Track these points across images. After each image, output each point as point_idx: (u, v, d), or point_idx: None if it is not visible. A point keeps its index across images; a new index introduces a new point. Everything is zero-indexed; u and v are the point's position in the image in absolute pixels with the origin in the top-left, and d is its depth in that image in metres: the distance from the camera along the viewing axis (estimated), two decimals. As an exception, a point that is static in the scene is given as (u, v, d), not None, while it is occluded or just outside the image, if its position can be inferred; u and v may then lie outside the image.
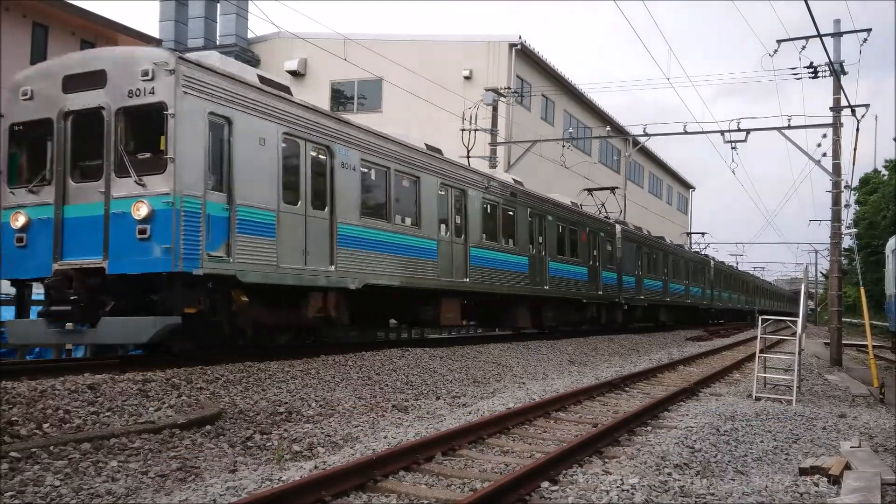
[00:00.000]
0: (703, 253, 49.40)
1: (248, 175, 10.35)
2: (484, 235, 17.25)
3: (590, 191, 29.70)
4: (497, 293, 17.89)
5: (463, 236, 16.31)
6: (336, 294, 12.42)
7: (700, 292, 40.95)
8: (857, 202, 54.76)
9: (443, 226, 15.58)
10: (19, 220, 10.03)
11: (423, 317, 15.72)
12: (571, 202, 23.82)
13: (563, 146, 29.12)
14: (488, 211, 17.61)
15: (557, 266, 21.25)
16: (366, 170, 13.11)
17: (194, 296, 9.78)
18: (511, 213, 18.74)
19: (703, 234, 57.09)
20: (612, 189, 30.17)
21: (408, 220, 14.43)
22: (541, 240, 20.35)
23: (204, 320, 10.15)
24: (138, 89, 9.41)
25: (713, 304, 44.68)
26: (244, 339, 11.31)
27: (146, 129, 9.53)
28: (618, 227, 26.89)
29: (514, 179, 20.04)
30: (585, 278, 23.42)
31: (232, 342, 11.14)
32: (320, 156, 11.97)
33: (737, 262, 61.82)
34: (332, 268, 12.01)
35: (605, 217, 27.59)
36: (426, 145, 15.59)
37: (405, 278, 14.07)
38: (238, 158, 10.21)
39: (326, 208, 12.00)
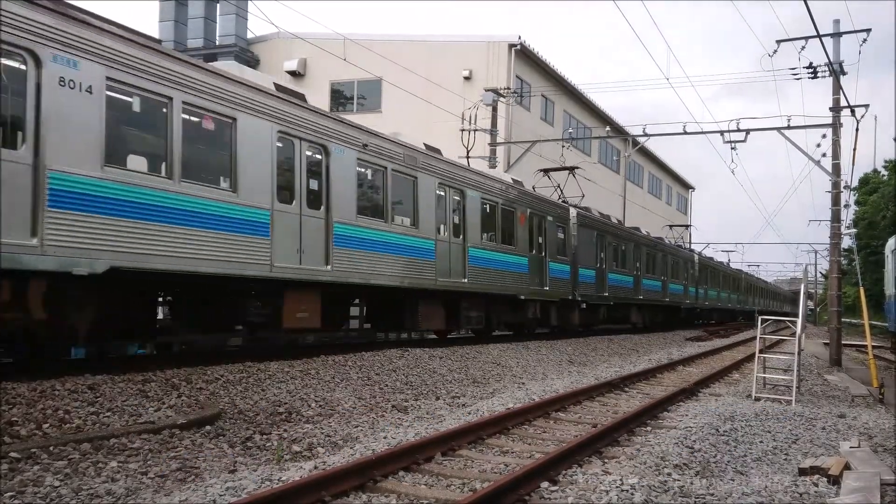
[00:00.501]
0: (687, 247, 44.35)
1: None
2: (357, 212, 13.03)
3: (546, 171, 24.84)
4: (387, 286, 13.72)
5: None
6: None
7: (682, 290, 36.45)
8: (857, 202, 54.79)
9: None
10: None
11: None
12: (513, 179, 19.90)
13: (563, 146, 29.13)
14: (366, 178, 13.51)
15: (480, 254, 16.89)
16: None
17: None
18: (409, 183, 14.51)
19: (686, 226, 49.35)
20: (572, 169, 25.03)
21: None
22: (456, 220, 16.12)
23: None
24: None
25: (698, 304, 40.12)
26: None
27: None
28: (572, 211, 22.90)
29: (426, 145, 15.61)
30: (525, 270, 19.26)
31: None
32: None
33: (729, 260, 60.37)
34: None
35: (563, 201, 23.76)
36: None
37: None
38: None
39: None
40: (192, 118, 9.76)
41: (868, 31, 19.98)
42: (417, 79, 26.74)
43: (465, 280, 16.26)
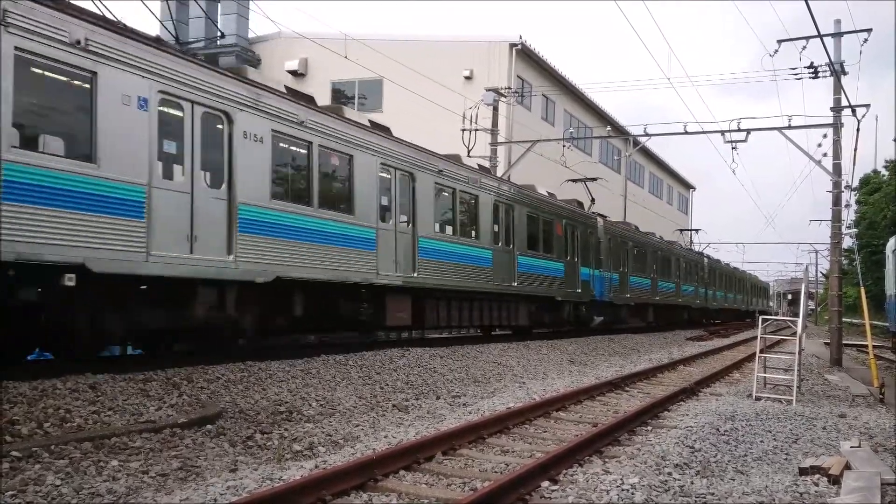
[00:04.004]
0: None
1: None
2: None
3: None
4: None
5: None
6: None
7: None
8: (858, 202, 54.74)
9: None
10: None
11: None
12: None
13: (564, 146, 29.11)
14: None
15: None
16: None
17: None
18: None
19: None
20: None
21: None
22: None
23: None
24: None
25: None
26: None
27: None
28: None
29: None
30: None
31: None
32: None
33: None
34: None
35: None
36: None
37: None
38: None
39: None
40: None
41: (869, 31, 19.97)
42: (418, 78, 26.73)
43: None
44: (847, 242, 37.30)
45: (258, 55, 32.80)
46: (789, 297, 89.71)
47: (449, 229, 16.01)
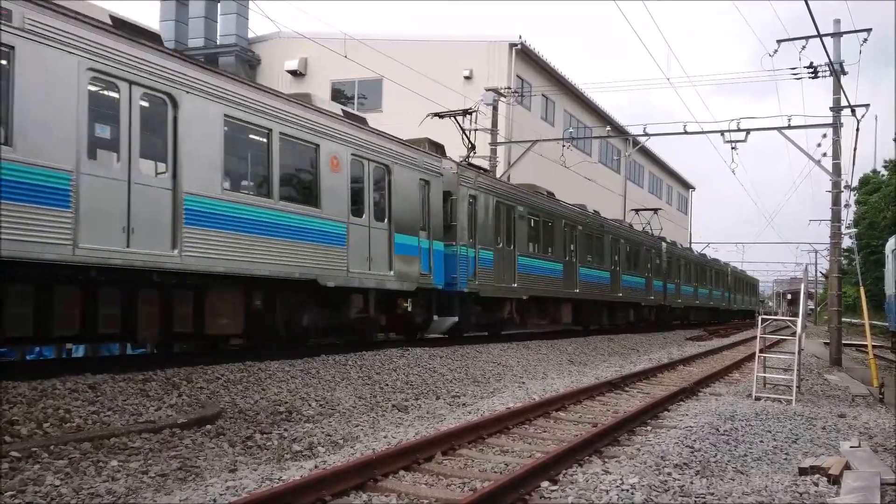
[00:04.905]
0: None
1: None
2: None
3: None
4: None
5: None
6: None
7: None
8: (857, 202, 54.74)
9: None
10: None
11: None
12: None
13: (564, 146, 29.11)
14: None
15: (527, 262, 19.52)
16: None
17: None
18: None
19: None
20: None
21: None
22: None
23: None
24: None
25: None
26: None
27: None
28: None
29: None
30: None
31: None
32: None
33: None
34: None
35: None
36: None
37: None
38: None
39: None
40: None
41: (869, 30, 19.98)
42: (418, 78, 26.72)
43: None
44: (846, 242, 37.35)
45: (258, 55, 32.79)
46: (789, 296, 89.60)
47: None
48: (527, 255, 19.67)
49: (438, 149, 16.82)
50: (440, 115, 20.03)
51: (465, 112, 19.90)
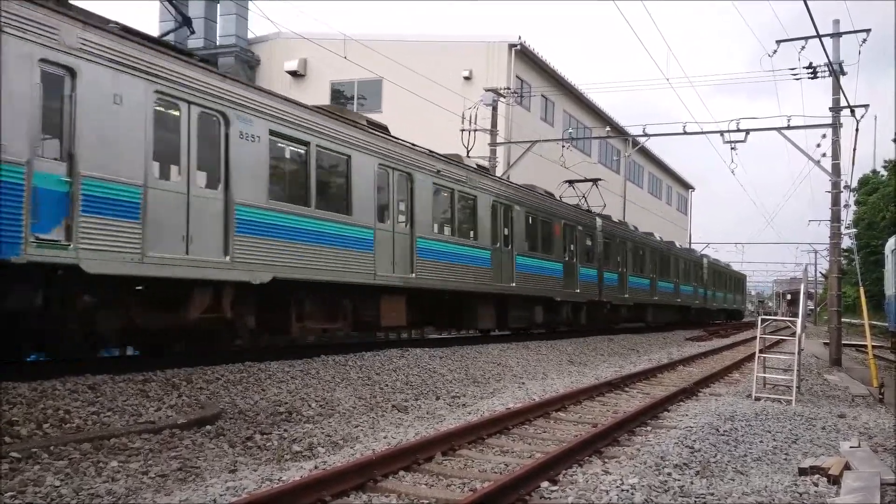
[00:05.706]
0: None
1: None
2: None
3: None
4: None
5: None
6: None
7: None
8: (857, 202, 54.77)
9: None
10: None
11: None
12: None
13: (563, 146, 29.12)
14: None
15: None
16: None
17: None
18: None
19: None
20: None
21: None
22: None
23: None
24: None
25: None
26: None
27: None
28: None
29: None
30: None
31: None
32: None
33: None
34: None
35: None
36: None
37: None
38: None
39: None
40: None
41: (868, 31, 19.99)
42: (418, 79, 26.73)
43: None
44: (846, 242, 37.35)
45: (257, 56, 32.79)
46: (788, 297, 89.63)
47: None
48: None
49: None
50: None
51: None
